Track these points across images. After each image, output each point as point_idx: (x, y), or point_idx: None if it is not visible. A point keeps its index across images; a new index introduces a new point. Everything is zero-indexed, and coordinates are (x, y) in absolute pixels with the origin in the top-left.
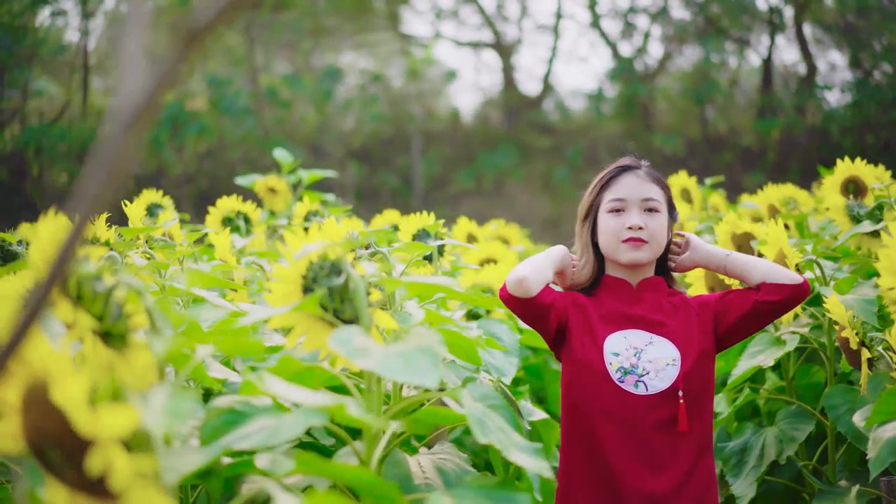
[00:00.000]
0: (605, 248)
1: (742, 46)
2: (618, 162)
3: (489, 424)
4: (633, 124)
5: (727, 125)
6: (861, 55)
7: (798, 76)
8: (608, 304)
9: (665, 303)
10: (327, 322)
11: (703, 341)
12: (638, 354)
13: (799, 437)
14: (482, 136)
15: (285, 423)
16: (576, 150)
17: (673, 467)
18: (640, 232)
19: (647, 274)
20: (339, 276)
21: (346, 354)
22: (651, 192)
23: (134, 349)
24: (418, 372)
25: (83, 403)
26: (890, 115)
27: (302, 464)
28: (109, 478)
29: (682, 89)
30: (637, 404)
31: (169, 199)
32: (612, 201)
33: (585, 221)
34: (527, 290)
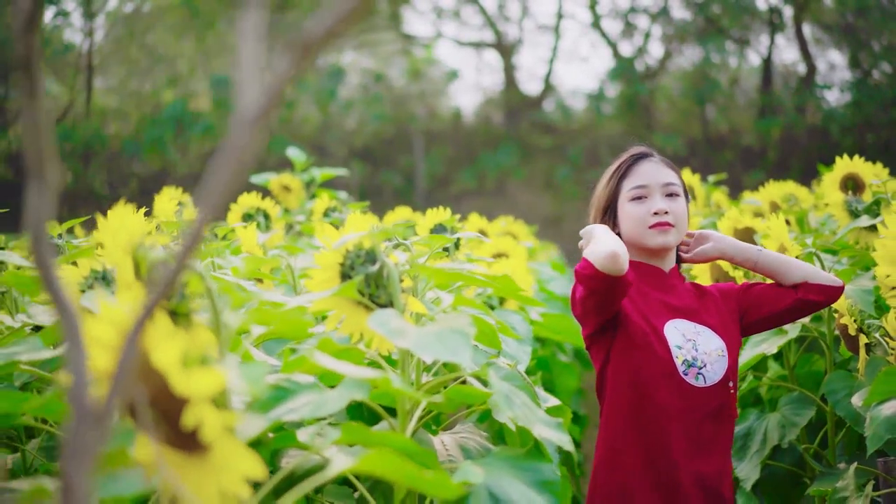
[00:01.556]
0: (631, 236)
1: (742, 46)
2: (630, 151)
3: (515, 401)
4: (634, 124)
5: (728, 124)
6: (860, 55)
7: (798, 76)
8: (649, 292)
9: (690, 291)
10: (364, 306)
11: (737, 333)
12: (695, 346)
13: (800, 422)
14: (484, 135)
15: (330, 398)
16: (577, 149)
17: (718, 451)
18: (667, 216)
19: (672, 259)
20: (373, 264)
21: (385, 334)
22: (670, 178)
23: (196, 328)
24: (452, 351)
25: (179, 366)
26: (889, 115)
27: (348, 433)
28: (201, 432)
29: (682, 89)
30: (696, 396)
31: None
32: (633, 189)
33: (605, 213)
34: (621, 268)
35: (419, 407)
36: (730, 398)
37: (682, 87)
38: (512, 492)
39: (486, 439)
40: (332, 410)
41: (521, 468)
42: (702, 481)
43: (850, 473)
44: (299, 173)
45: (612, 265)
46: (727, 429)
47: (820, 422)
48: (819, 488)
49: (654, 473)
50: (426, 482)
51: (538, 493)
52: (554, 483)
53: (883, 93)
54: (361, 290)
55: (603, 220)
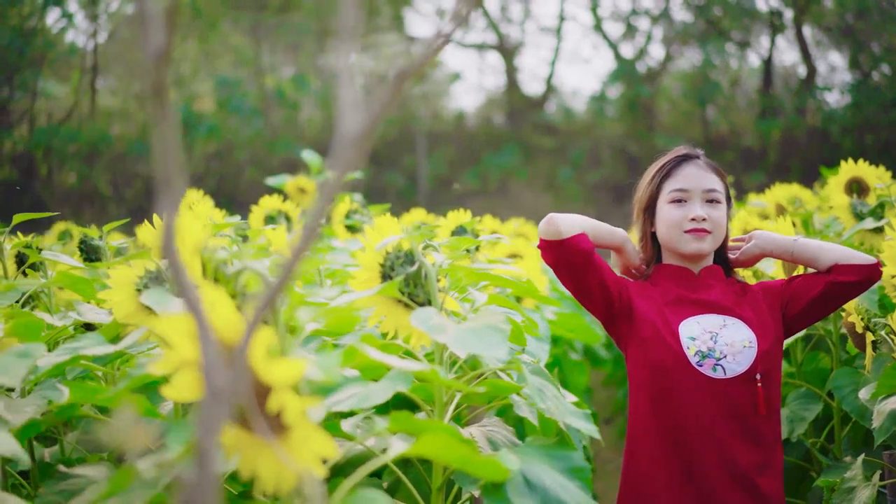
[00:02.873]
0: (667, 239)
1: (743, 48)
2: (676, 151)
3: (546, 393)
4: (635, 125)
5: (728, 126)
6: (860, 57)
7: (798, 77)
8: (673, 290)
9: (729, 290)
10: (403, 304)
11: (776, 326)
12: (714, 338)
13: (808, 417)
14: (486, 136)
15: (375, 390)
16: (579, 150)
17: (750, 443)
18: (704, 223)
19: (708, 262)
20: (412, 265)
21: (427, 330)
22: (713, 184)
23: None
24: (489, 345)
25: (263, 356)
26: (889, 116)
27: (395, 422)
28: (283, 415)
29: (683, 90)
30: (716, 387)
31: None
32: (673, 192)
33: (645, 212)
34: (556, 230)
35: (454, 400)
36: (757, 391)
37: (683, 88)
38: (545, 478)
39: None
40: (377, 402)
41: (552, 457)
42: (731, 471)
43: (857, 464)
44: (315, 175)
45: (547, 229)
46: (762, 422)
47: (826, 417)
48: (827, 479)
49: (678, 461)
50: (478, 464)
51: (569, 479)
52: (584, 470)
53: (882, 94)
54: (401, 289)
55: (643, 218)
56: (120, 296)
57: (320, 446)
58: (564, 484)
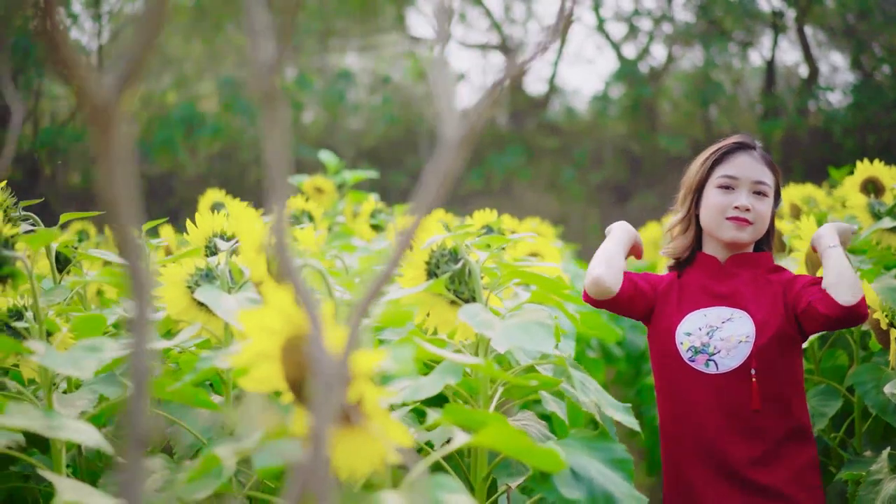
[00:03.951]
0: (708, 223)
1: (745, 48)
2: (733, 138)
3: (589, 387)
4: (638, 125)
5: (731, 126)
6: (862, 57)
7: (800, 77)
8: (696, 281)
9: (760, 279)
10: (448, 301)
11: (784, 322)
12: (711, 333)
13: (828, 413)
14: (490, 136)
15: (425, 383)
16: (582, 150)
17: (747, 437)
18: (747, 213)
19: (744, 250)
20: (457, 263)
21: (475, 326)
22: (763, 176)
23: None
24: (537, 341)
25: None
26: (891, 117)
27: (449, 414)
28: (361, 405)
29: (686, 91)
30: (709, 382)
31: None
32: (722, 177)
33: (693, 194)
34: (606, 291)
35: (497, 394)
36: (752, 385)
37: (686, 89)
38: (590, 469)
39: (545, 427)
40: (428, 394)
41: (595, 448)
42: (718, 465)
43: (883, 458)
44: (332, 175)
45: (596, 291)
46: (761, 416)
47: (844, 413)
48: (852, 472)
49: (668, 453)
50: (538, 454)
51: (612, 470)
52: (626, 462)
53: (885, 95)
54: (447, 286)
55: (690, 199)
56: (172, 293)
57: (396, 434)
58: (609, 475)
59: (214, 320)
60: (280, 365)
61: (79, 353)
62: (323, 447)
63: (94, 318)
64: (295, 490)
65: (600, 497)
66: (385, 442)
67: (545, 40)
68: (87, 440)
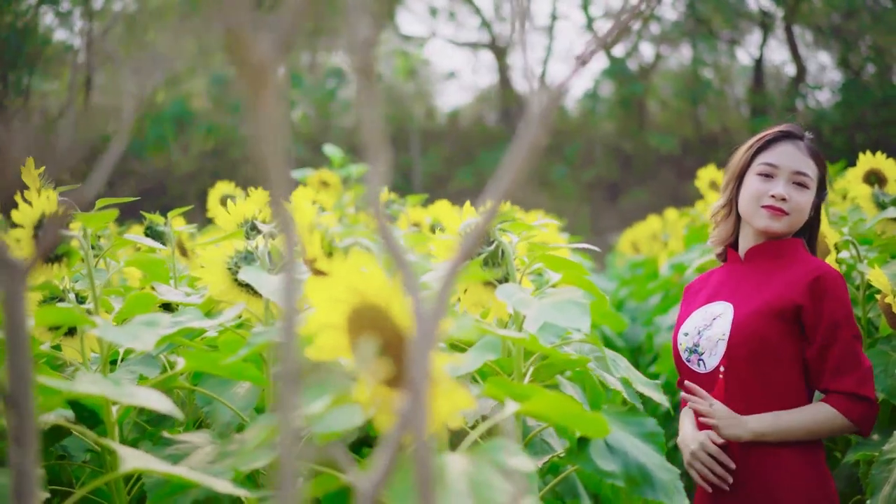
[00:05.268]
0: (744, 209)
1: (733, 47)
2: (780, 126)
3: (620, 364)
4: (628, 123)
5: (720, 124)
6: (849, 56)
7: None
8: (719, 277)
9: (767, 272)
10: (483, 282)
11: (771, 323)
12: (701, 332)
13: None
14: (480, 134)
15: (465, 358)
16: (572, 148)
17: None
18: (783, 203)
19: (756, 242)
20: (490, 245)
21: (513, 304)
22: (805, 167)
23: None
24: (572, 319)
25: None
26: (879, 115)
27: (493, 386)
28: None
29: (675, 89)
30: (701, 382)
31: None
32: (763, 164)
33: (736, 180)
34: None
35: (529, 371)
36: (718, 384)
37: (675, 87)
38: (625, 442)
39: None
40: (470, 369)
41: (627, 422)
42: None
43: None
44: (337, 169)
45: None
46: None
47: None
48: (864, 453)
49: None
50: (584, 419)
51: (644, 442)
52: (658, 435)
53: (872, 94)
54: (481, 267)
55: (732, 185)
56: (213, 275)
57: (460, 400)
58: (641, 447)
59: (254, 301)
60: (346, 334)
61: (137, 327)
62: (422, 396)
63: (145, 297)
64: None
65: (634, 468)
66: (449, 407)
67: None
68: (160, 406)
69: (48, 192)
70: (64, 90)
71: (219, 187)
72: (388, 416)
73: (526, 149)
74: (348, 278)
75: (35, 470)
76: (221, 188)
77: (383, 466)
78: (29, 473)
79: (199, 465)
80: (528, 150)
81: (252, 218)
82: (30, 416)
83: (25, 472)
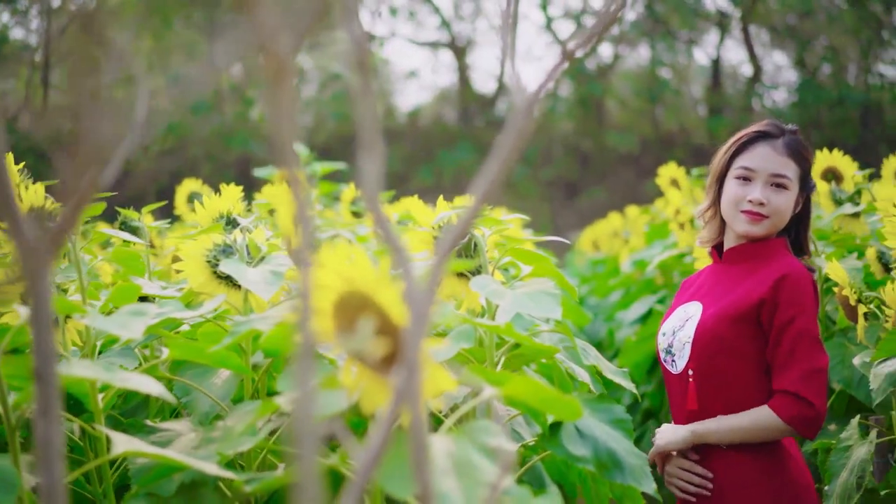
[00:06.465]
0: (725, 213)
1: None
2: (757, 125)
3: (589, 353)
4: (587, 123)
5: (678, 123)
6: (805, 56)
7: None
8: (704, 275)
9: (741, 274)
10: (455, 273)
11: (733, 324)
12: (675, 333)
13: None
14: (440, 133)
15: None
16: (532, 148)
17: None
18: (762, 207)
19: (737, 242)
20: (463, 238)
21: (487, 295)
22: (783, 169)
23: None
24: (545, 308)
25: (398, 303)
26: (834, 114)
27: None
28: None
29: (634, 89)
30: (674, 382)
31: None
32: (740, 168)
33: (717, 182)
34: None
35: (501, 360)
36: (689, 388)
37: (634, 86)
38: (594, 427)
39: None
40: (446, 357)
41: (597, 409)
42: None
43: (853, 425)
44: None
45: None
46: (699, 418)
47: None
48: (821, 441)
49: None
50: (559, 404)
51: (613, 428)
52: (626, 421)
53: (827, 93)
54: (454, 259)
55: (714, 188)
56: (192, 267)
57: (442, 382)
58: (611, 433)
59: (233, 292)
60: (333, 320)
61: (124, 317)
62: (416, 374)
63: (130, 288)
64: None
65: (604, 453)
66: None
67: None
68: (153, 391)
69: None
70: (22, 88)
71: (186, 184)
72: (372, 399)
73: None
74: (335, 266)
75: (60, 440)
76: (188, 185)
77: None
78: (54, 444)
79: (184, 451)
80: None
81: (227, 213)
82: (55, 390)
83: (51, 443)
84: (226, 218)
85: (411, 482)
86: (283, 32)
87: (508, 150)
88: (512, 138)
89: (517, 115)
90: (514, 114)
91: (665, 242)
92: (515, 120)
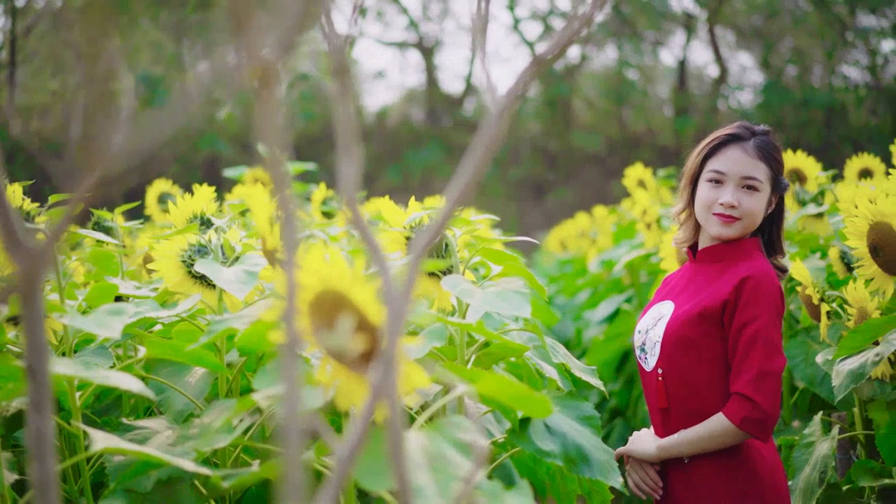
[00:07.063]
0: (698, 216)
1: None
2: (728, 128)
3: (559, 351)
4: (554, 123)
5: (644, 124)
6: (770, 57)
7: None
8: (680, 273)
9: (710, 274)
10: (427, 273)
11: (697, 325)
12: (648, 331)
13: None
14: (407, 133)
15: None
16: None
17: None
18: (733, 210)
19: (711, 243)
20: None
21: (457, 294)
22: (754, 171)
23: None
24: (514, 307)
25: (374, 302)
26: (799, 116)
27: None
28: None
29: (600, 89)
30: (646, 379)
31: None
32: (711, 171)
33: (690, 185)
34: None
35: (472, 358)
36: (658, 386)
37: (600, 87)
38: (563, 424)
39: None
40: (419, 355)
41: (566, 406)
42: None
43: (816, 422)
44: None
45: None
46: (672, 416)
47: None
48: (784, 437)
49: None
50: (530, 401)
51: (581, 425)
52: (594, 418)
53: (792, 95)
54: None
55: (687, 190)
56: (167, 266)
57: (416, 379)
58: (579, 430)
59: (208, 292)
60: (308, 318)
61: (103, 316)
62: (393, 370)
63: (108, 287)
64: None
65: (573, 449)
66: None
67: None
68: (133, 387)
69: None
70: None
71: (156, 185)
72: (347, 396)
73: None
74: (311, 266)
75: (52, 433)
76: (159, 186)
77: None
78: (46, 436)
79: (161, 448)
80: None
81: (200, 213)
82: (46, 385)
83: (44, 435)
84: (200, 218)
85: (387, 477)
86: (269, 40)
87: (482, 155)
88: (485, 143)
89: (490, 121)
90: (487, 119)
91: (632, 242)
92: (488, 125)
